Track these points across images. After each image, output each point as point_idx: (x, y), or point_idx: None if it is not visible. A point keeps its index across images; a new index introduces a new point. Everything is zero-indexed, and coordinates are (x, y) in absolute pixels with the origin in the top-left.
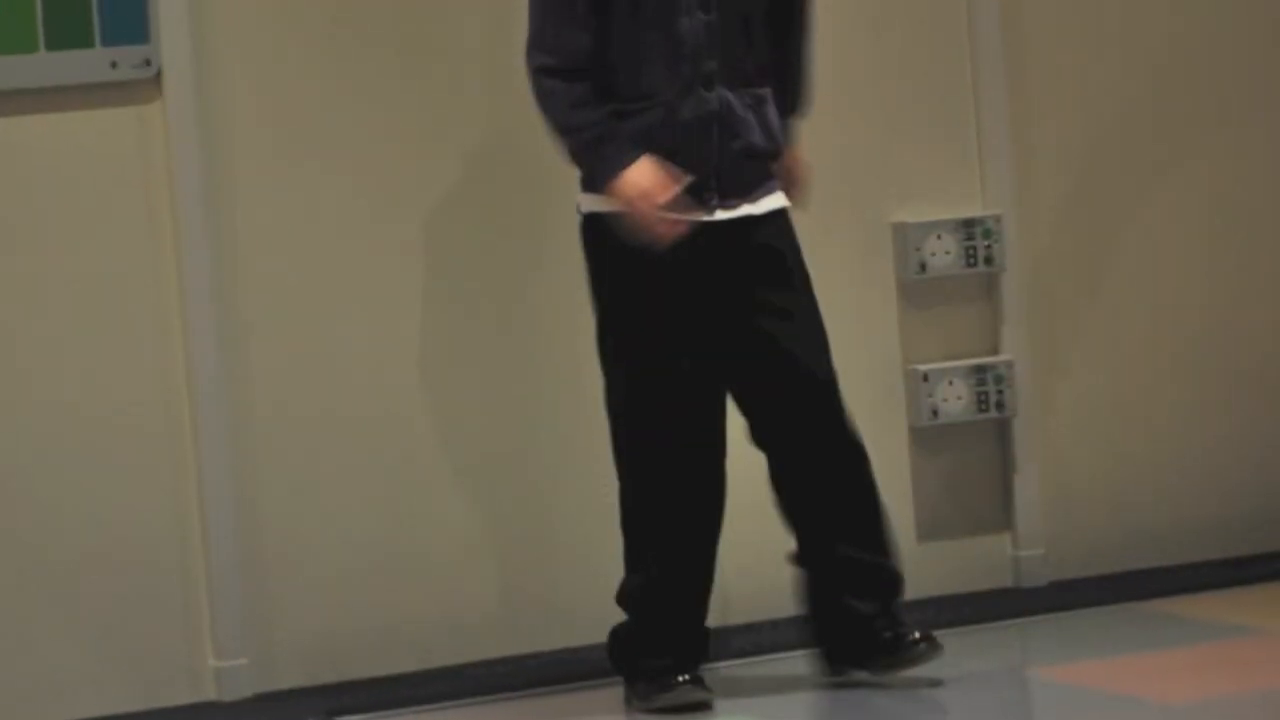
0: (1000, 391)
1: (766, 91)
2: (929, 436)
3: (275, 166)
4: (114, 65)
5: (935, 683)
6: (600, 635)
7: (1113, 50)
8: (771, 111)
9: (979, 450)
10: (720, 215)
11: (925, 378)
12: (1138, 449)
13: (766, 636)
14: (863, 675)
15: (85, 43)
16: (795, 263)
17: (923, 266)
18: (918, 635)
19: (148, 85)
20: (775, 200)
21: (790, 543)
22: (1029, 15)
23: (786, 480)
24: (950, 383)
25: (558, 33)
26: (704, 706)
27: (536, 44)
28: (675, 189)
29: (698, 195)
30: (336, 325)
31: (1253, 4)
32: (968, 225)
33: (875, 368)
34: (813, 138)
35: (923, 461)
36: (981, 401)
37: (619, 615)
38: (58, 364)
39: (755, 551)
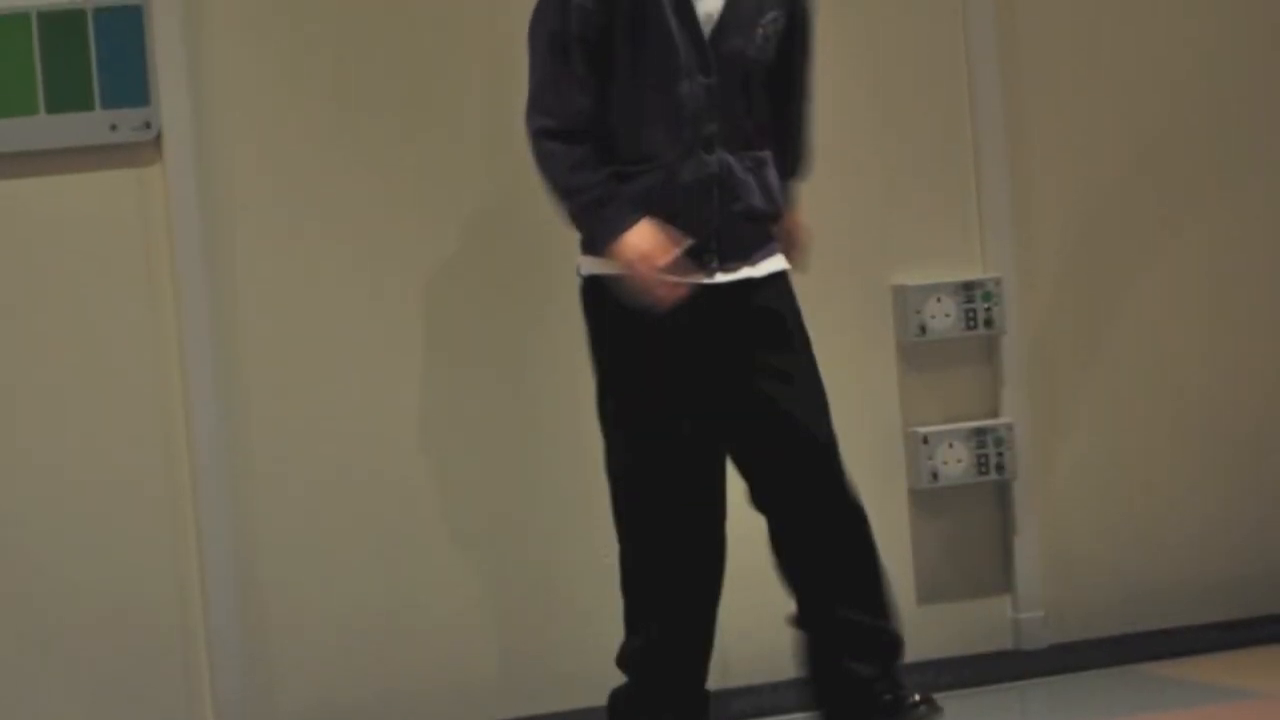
0: (1000, 454)
1: (766, 154)
2: (929, 499)
3: (275, 229)
4: (114, 128)
5: None
6: (600, 698)
7: (1112, 115)
8: (771, 174)
9: (979, 513)
10: (720, 278)
11: (925, 440)
12: (1138, 512)
13: (766, 699)
14: None
15: (85, 105)
16: (795, 325)
17: (923, 329)
18: (918, 698)
19: (148, 148)
20: (775, 263)
21: (790, 605)
22: (1029, 79)
23: (786, 542)
24: (950, 445)
25: (557, 95)
26: None
27: (536, 106)
28: (675, 251)
29: (698, 258)
30: (336, 387)
31: (1251, 70)
32: (968, 288)
33: (875, 430)
34: (813, 200)
35: (923, 524)
36: (981, 464)
37: (619, 678)
38: (58, 425)
39: (755, 614)
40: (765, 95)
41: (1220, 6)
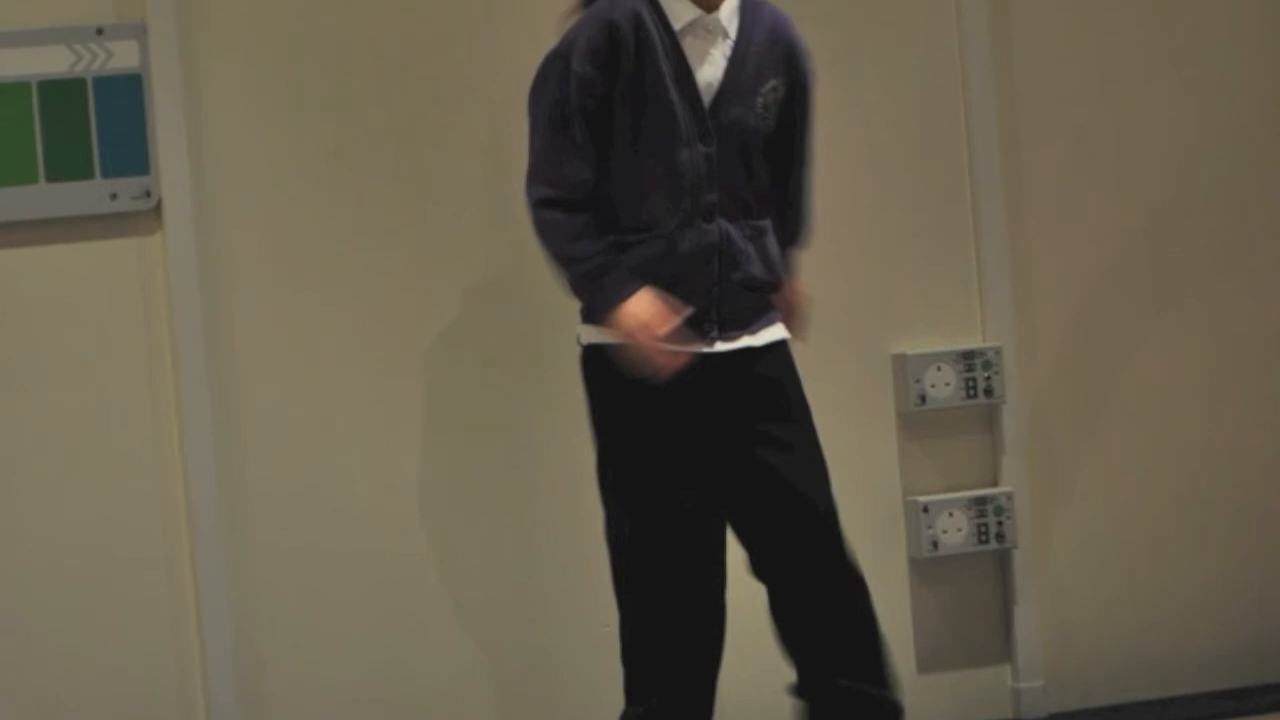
0: (1000, 523)
1: (766, 223)
2: (929, 568)
3: (275, 298)
4: (114, 197)
5: None
6: None
7: (1112, 186)
8: (771, 243)
9: (979, 582)
10: (720, 347)
11: (925, 509)
12: (1138, 581)
13: None
14: None
15: (85, 174)
16: (795, 394)
17: (923, 398)
18: None
19: (148, 217)
20: (775, 332)
21: (790, 674)
22: (1029, 149)
23: (786, 611)
24: (950, 514)
25: (557, 165)
26: None
27: (536, 176)
28: (675, 321)
29: (698, 327)
30: (336, 458)
31: (1249, 145)
32: (968, 357)
33: (875, 499)
34: (813, 269)
35: (923, 593)
36: (982, 533)
37: None
38: (57, 496)
39: (755, 683)
40: (765, 164)
41: (1219, 82)
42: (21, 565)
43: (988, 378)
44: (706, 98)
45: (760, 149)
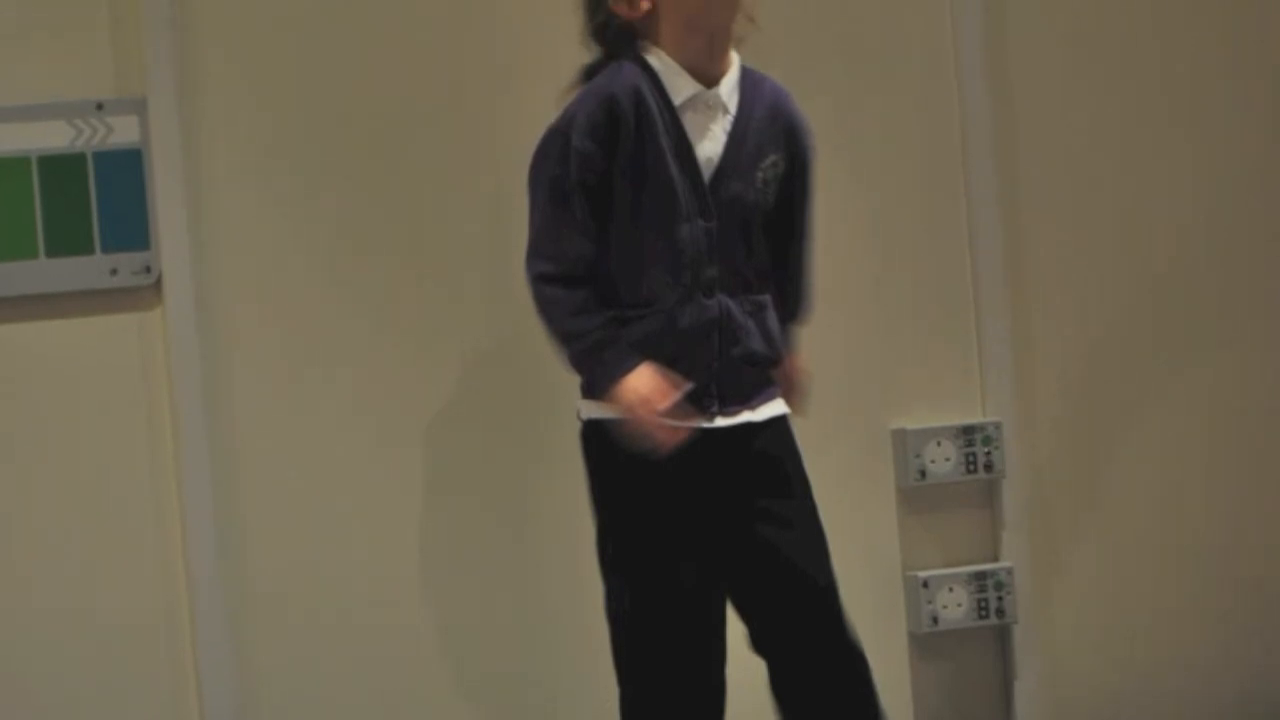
0: (1000, 598)
1: (766, 298)
2: (929, 643)
3: (275, 373)
4: (114, 272)
5: None
6: None
7: (1112, 259)
8: (771, 318)
9: (979, 657)
10: (720, 422)
11: (925, 584)
12: (1138, 657)
13: None
14: None
15: (85, 249)
16: (795, 469)
17: (923, 473)
18: None
19: (148, 291)
20: (775, 407)
21: None
22: (1029, 222)
23: (786, 687)
24: (950, 589)
25: (558, 240)
26: None
27: (536, 251)
28: (675, 396)
29: (698, 402)
30: (337, 532)
31: (1251, 214)
32: (968, 432)
33: (875, 574)
34: (812, 343)
35: (923, 668)
36: (982, 608)
37: None
38: (57, 568)
39: None
40: (765, 239)
41: (1219, 153)
42: (21, 634)
43: (988, 453)
44: (706, 173)
45: (760, 224)
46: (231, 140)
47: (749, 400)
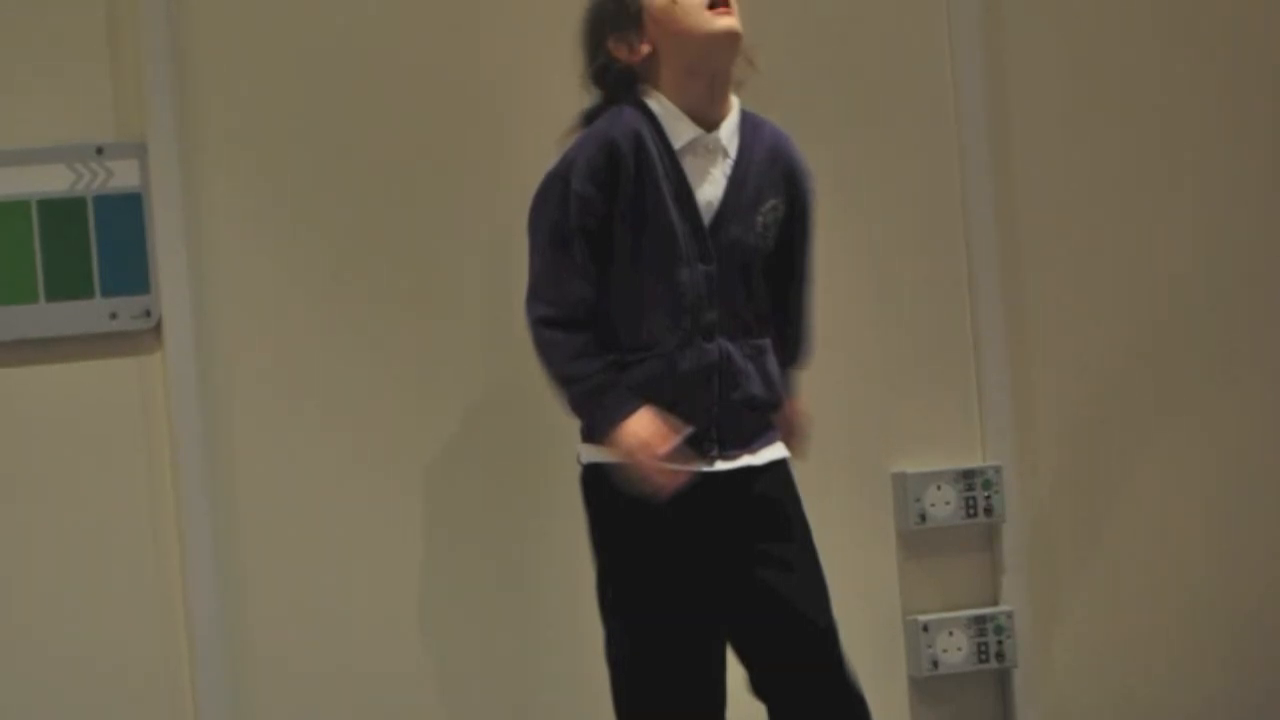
0: (1000, 642)
1: (766, 341)
2: (929, 687)
3: (275, 417)
4: (114, 316)
5: None
6: None
7: (1112, 304)
8: (771, 362)
9: (979, 701)
10: (720, 466)
11: (925, 628)
12: (1138, 700)
13: None
14: None
15: (85, 293)
16: (795, 513)
17: (922, 517)
18: None
19: (148, 335)
20: (775, 451)
21: None
22: (1029, 268)
23: None
24: (950, 633)
25: (558, 284)
26: None
27: (536, 294)
28: (675, 439)
29: (698, 446)
30: (337, 576)
31: (1250, 261)
32: (968, 476)
33: (875, 618)
34: (812, 387)
35: (923, 712)
36: (982, 652)
37: None
38: (56, 613)
39: None
40: (765, 283)
41: (1219, 200)
42: (20, 680)
43: (988, 496)
44: (706, 217)
45: (760, 268)
46: (231, 185)
47: (749, 444)
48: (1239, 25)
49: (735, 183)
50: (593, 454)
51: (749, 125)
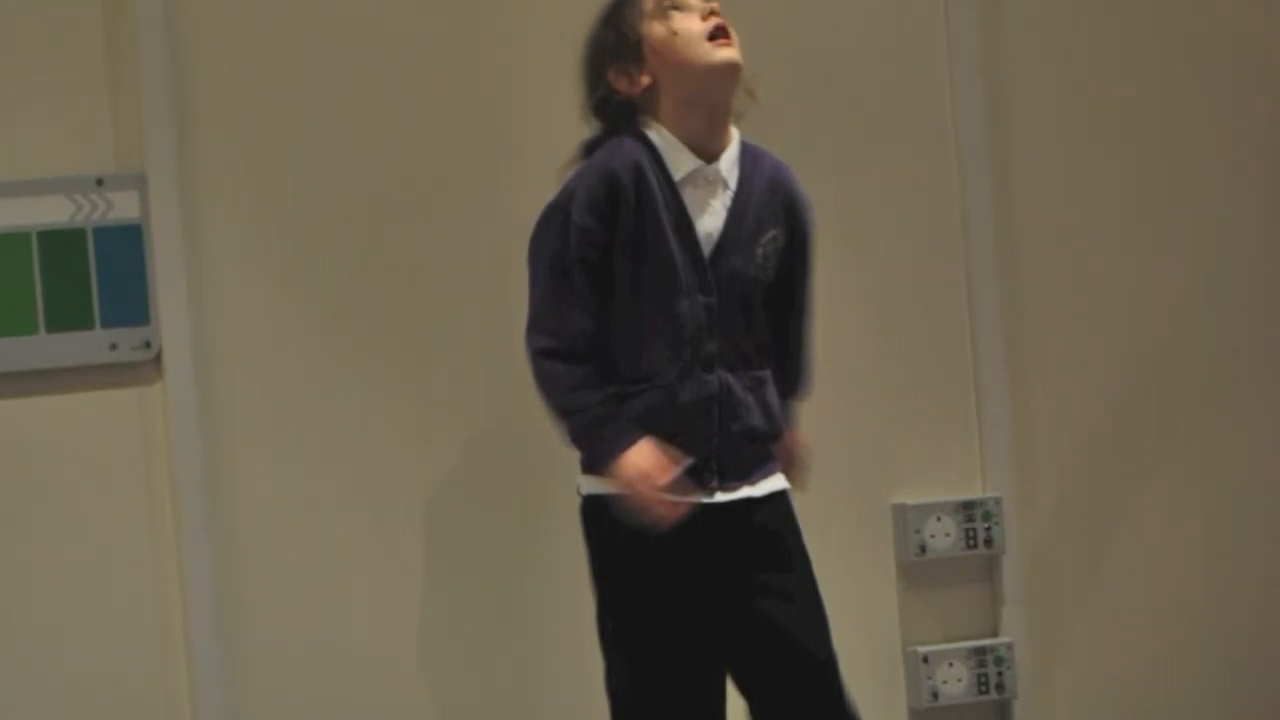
0: (1000, 673)
1: (766, 373)
2: (929, 718)
3: (275, 449)
4: (114, 347)
5: None
6: None
7: (1111, 335)
8: (771, 393)
9: None
10: (720, 497)
11: (925, 659)
12: None
13: None
14: None
15: (85, 324)
16: (795, 544)
17: (923, 548)
18: None
19: (148, 367)
20: (775, 482)
21: None
22: (1029, 299)
23: None
24: (950, 665)
25: (558, 315)
26: None
27: (536, 325)
28: (675, 471)
29: (698, 477)
30: (337, 607)
31: (1250, 291)
32: (968, 507)
33: (875, 649)
34: (812, 419)
35: None
36: (982, 683)
37: None
38: (57, 644)
39: None
40: (765, 314)
41: (1219, 228)
42: (21, 711)
43: (988, 528)
44: (706, 248)
45: (760, 299)
46: (231, 216)
47: (749, 475)
48: (1238, 53)
49: (735, 214)
50: (593, 485)
51: (749, 156)
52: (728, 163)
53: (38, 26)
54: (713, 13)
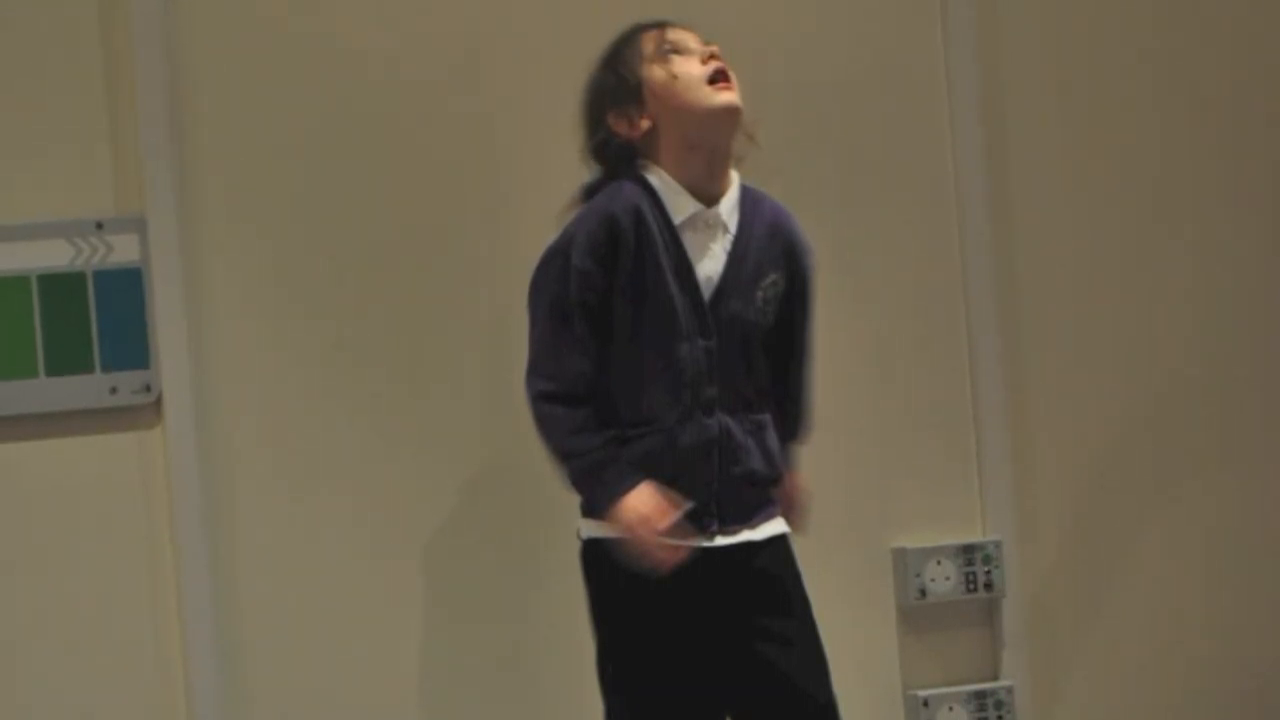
0: (1000, 717)
1: (766, 417)
2: None
3: (275, 491)
4: (114, 390)
5: None
6: None
7: (1112, 379)
8: (771, 437)
9: None
10: (720, 541)
11: (925, 703)
12: None
13: None
14: None
15: (85, 368)
16: (795, 588)
17: (923, 592)
18: None
19: (148, 410)
20: (775, 526)
21: None
22: (1028, 343)
23: None
24: (951, 708)
25: (558, 359)
26: None
27: (536, 369)
28: (675, 515)
29: (698, 521)
30: (337, 648)
31: (1250, 334)
32: (968, 551)
33: (875, 693)
34: (812, 462)
35: None
36: None
37: None
38: (57, 688)
39: None
40: (765, 358)
41: (1220, 273)
42: None
43: (988, 571)
44: (706, 292)
45: (760, 343)
46: (231, 259)
47: (749, 519)
48: (1237, 95)
49: (735, 258)
50: (593, 529)
51: (749, 200)
52: (728, 206)
53: (38, 71)
54: (713, 56)
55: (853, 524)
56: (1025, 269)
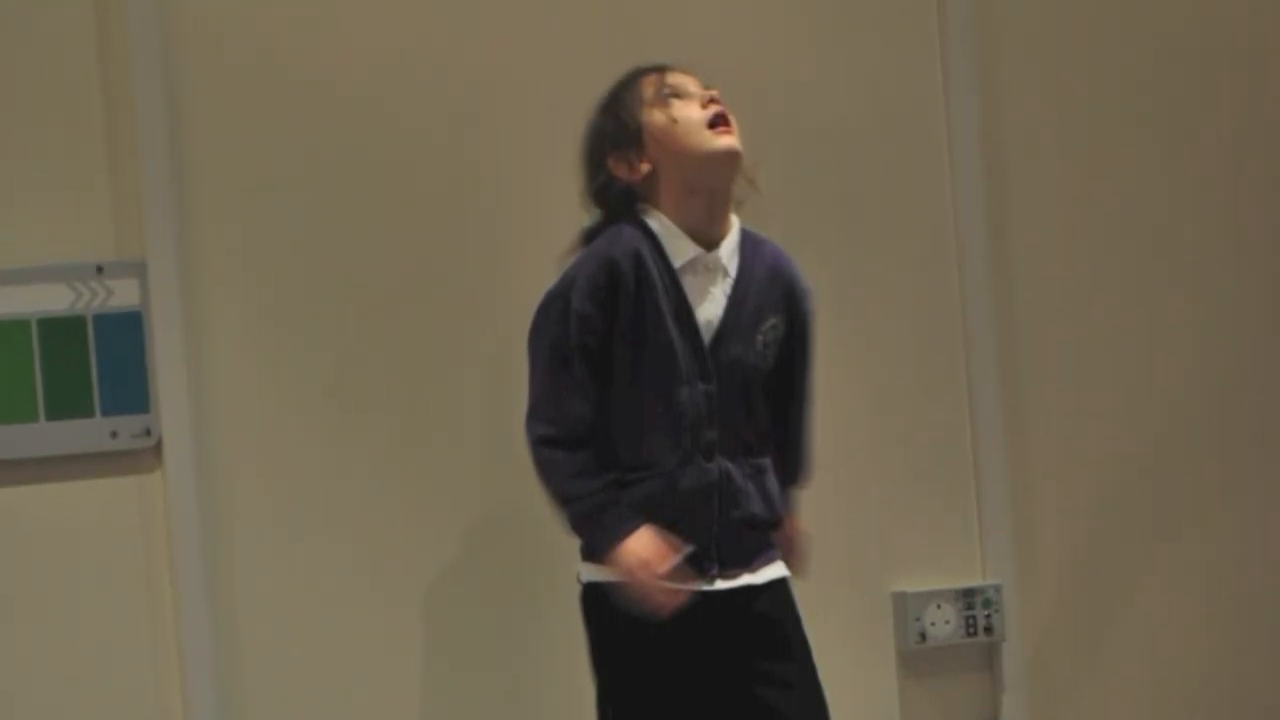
0: None
1: (766, 461)
2: None
3: (275, 535)
4: (114, 434)
5: None
6: None
7: (1111, 423)
8: (771, 481)
9: None
10: (720, 585)
11: None
12: None
13: None
14: None
15: (85, 412)
16: (795, 632)
17: (923, 636)
18: None
19: (148, 454)
20: (775, 570)
21: None
22: (1028, 387)
23: None
24: None
25: (558, 403)
26: None
27: (536, 413)
28: (675, 559)
29: (698, 565)
30: (338, 695)
31: (1250, 374)
32: (968, 595)
33: None
34: (812, 506)
35: None
36: None
37: None
38: None
39: None
40: (765, 401)
41: (1219, 313)
42: None
43: (988, 615)
44: (706, 336)
45: (760, 387)
46: (231, 303)
47: (749, 563)
48: (1240, 142)
49: (735, 301)
50: (593, 573)
51: (749, 244)
52: (728, 250)
53: (38, 115)
54: (713, 100)
55: (853, 568)
56: (1025, 311)
